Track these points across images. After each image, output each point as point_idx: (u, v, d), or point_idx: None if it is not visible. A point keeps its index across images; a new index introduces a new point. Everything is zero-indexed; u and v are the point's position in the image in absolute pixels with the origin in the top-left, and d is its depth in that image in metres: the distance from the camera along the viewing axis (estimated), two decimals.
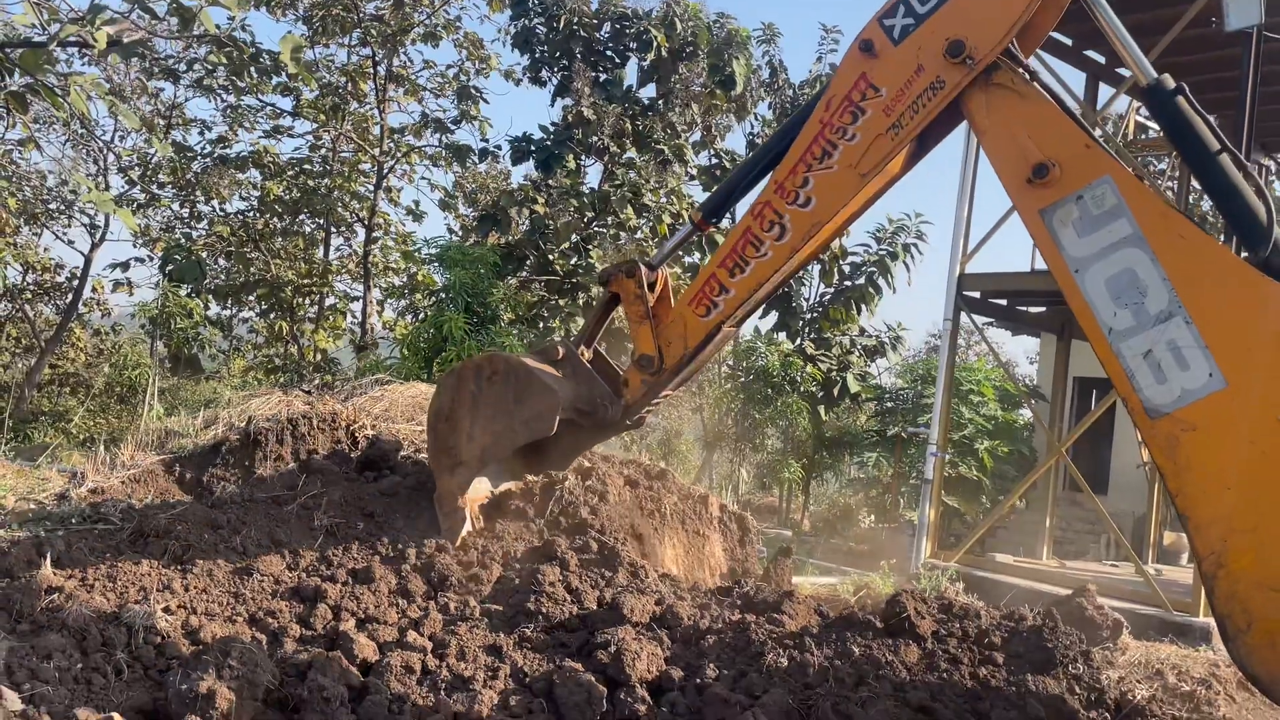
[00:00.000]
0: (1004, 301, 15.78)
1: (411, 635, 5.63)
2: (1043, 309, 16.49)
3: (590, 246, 18.17)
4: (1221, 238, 9.97)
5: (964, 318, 14.55)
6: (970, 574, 12.29)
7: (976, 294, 14.54)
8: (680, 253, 18.46)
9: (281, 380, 18.69)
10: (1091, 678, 5.73)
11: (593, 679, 5.26)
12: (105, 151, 21.02)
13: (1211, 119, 4.86)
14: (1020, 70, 5.08)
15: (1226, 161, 4.76)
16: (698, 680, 5.40)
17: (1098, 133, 18.31)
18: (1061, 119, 4.98)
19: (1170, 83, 4.86)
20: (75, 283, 22.01)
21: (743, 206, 6.28)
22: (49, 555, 5.61)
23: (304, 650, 5.34)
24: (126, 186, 21.56)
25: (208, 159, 21.12)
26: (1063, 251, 4.87)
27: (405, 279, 21.58)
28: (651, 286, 6.45)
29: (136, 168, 21.57)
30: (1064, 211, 4.87)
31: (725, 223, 9.89)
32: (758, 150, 6.38)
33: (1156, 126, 10.60)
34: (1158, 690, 5.96)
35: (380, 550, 6.39)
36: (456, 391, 6.62)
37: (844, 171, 5.53)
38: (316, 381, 15.16)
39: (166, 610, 5.41)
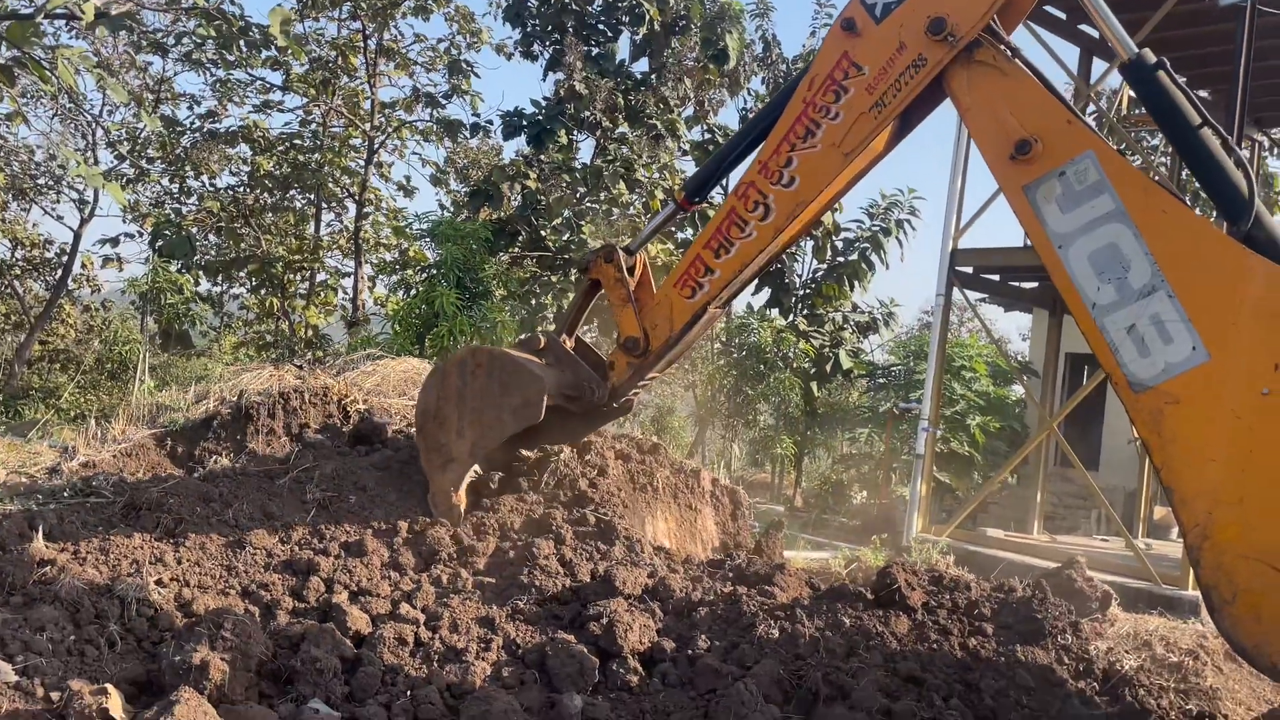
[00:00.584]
0: (996, 277, 15.80)
1: (404, 608, 5.64)
2: (1035, 284, 16.50)
3: (582, 222, 18.11)
4: (1213, 217, 9.97)
5: (956, 293, 14.56)
6: (961, 548, 12.34)
7: (969, 269, 14.55)
8: (673, 228, 18.44)
9: (273, 356, 18.66)
10: (1080, 648, 5.78)
11: (585, 650, 5.28)
12: (94, 126, 20.91)
13: (1193, 93, 4.87)
14: (1002, 47, 5.09)
15: (1208, 135, 4.79)
16: (689, 651, 5.43)
17: (1091, 108, 18.28)
18: (1044, 95, 5.00)
19: (1151, 58, 4.88)
20: (64, 259, 21.93)
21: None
22: (41, 528, 5.61)
23: (297, 622, 5.35)
24: (115, 161, 21.45)
25: (197, 134, 20.99)
26: (1046, 227, 4.90)
27: (396, 255, 21.53)
28: (631, 271, 6.49)
29: (125, 143, 21.45)
30: (1047, 187, 4.89)
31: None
32: (740, 130, 6.41)
33: None
34: (1146, 661, 6.00)
35: (373, 524, 6.40)
36: (441, 388, 6.61)
37: (828, 150, 5.55)
38: (309, 356, 15.14)
39: (159, 583, 5.43)
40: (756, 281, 19.86)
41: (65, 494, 6.26)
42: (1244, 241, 4.57)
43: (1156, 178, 17.52)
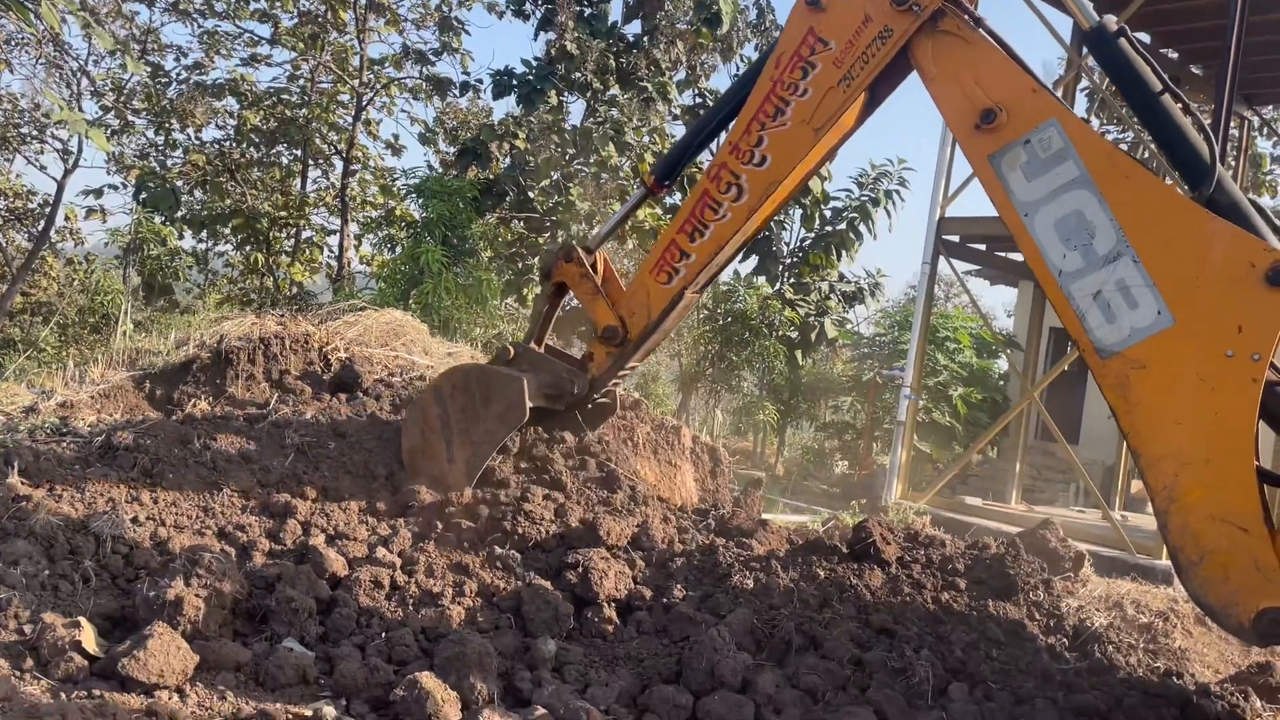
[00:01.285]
0: (983, 246, 15.78)
1: (381, 552, 5.65)
2: (1022, 256, 16.54)
3: (571, 184, 18.03)
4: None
5: (944, 266, 14.56)
6: (939, 515, 12.41)
7: (956, 238, 14.54)
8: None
9: (255, 308, 18.54)
10: (1051, 605, 5.84)
11: (561, 596, 5.31)
12: (79, 75, 20.66)
13: (1155, 61, 4.91)
14: (966, 17, 5.11)
15: (1168, 102, 4.84)
16: (665, 599, 5.46)
17: (1084, 83, 18.23)
18: (1007, 64, 5.04)
19: (1112, 25, 4.93)
20: (47, 210, 21.73)
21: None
22: (16, 465, 5.58)
23: (273, 563, 5.35)
24: (100, 112, 21.21)
25: (183, 85, 20.77)
26: (1011, 196, 4.94)
27: (383, 213, 21.42)
28: (593, 267, 6.46)
29: (110, 93, 21.20)
30: (1012, 156, 4.93)
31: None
32: (708, 112, 6.45)
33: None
34: (1116, 620, 6.07)
35: (351, 470, 6.39)
36: (423, 421, 6.47)
37: (798, 127, 5.58)
38: (295, 308, 15.07)
39: (135, 521, 5.41)
40: (744, 250, 19.83)
41: (41, 433, 6.22)
42: (1206, 206, 4.62)
43: (1147, 153, 17.52)
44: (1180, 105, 4.83)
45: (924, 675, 4.83)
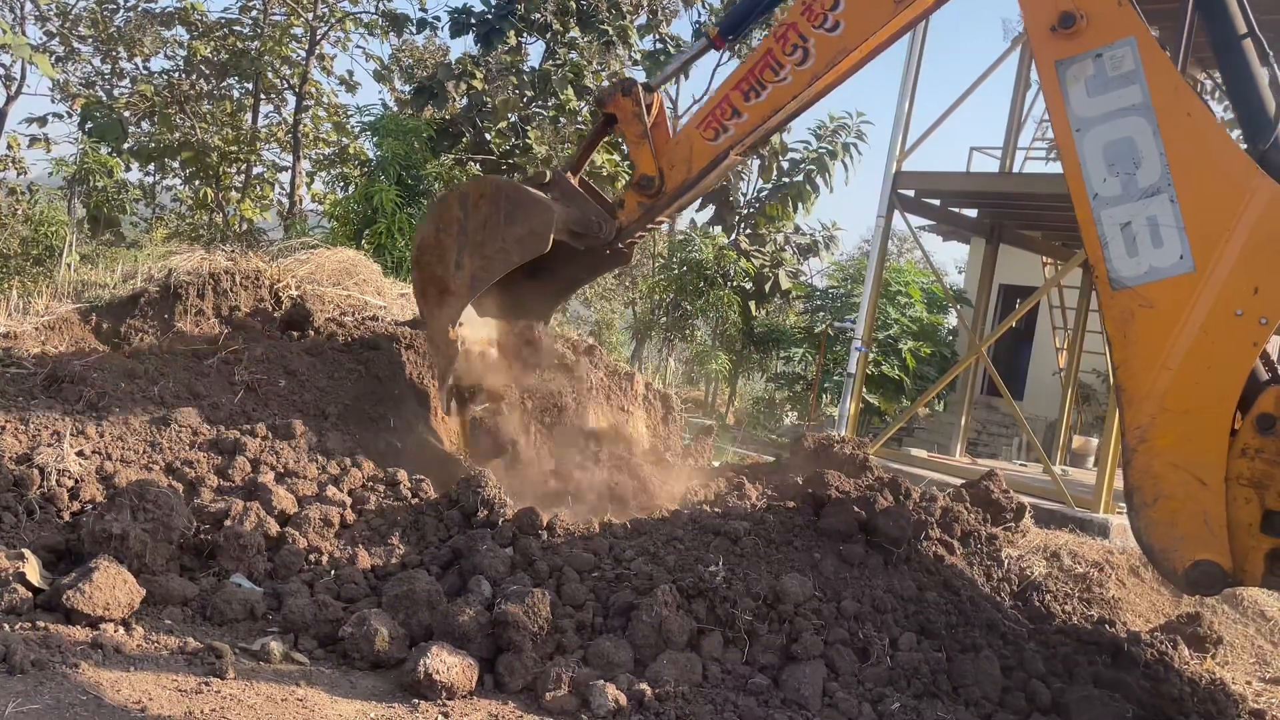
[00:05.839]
0: (937, 202, 15.83)
1: (331, 490, 5.64)
2: (975, 212, 16.60)
3: (528, 127, 17.84)
4: None
5: (899, 223, 14.59)
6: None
7: (911, 193, 14.57)
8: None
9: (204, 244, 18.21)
10: (993, 554, 5.96)
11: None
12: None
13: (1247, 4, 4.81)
14: None
15: (1249, 47, 4.73)
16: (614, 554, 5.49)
17: None
18: None
19: None
20: None
21: None
22: None
23: (221, 500, 5.32)
24: (45, 38, 20.56)
25: (131, 12, 20.16)
26: (1068, 107, 4.81)
27: (335, 151, 21.03)
28: (648, 109, 6.28)
29: (56, 18, 20.54)
30: (1079, 67, 4.78)
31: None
32: None
33: None
34: (1054, 570, 6.23)
35: (302, 407, 6.35)
36: (441, 220, 6.34)
37: None
38: (245, 245, 14.82)
39: (81, 455, 5.35)
40: (700, 200, 19.75)
41: None
42: (1259, 161, 4.54)
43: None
44: (1260, 55, 4.71)
45: (871, 634, 4.88)
